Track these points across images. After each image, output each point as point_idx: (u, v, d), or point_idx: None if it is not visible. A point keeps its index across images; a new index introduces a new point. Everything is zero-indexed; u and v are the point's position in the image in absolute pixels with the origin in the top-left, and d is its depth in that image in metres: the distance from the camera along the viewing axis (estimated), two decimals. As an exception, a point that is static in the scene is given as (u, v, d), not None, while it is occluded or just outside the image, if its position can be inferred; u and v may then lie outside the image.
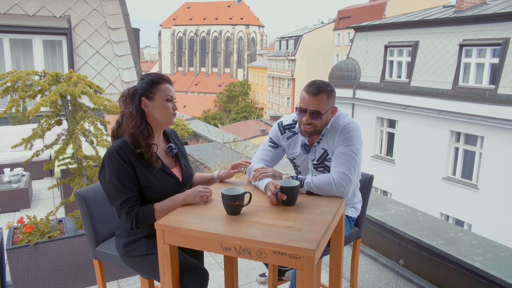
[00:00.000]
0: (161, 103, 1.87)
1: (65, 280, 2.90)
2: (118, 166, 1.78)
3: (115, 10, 9.42)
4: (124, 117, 1.86)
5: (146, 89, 1.86)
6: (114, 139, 1.90)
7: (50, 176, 5.89)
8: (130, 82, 9.28)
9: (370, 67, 15.60)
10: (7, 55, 8.33)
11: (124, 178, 1.78)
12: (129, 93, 1.88)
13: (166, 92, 1.88)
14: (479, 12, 12.22)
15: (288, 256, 1.45)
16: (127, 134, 1.83)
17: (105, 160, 1.81)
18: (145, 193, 1.85)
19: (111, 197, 1.81)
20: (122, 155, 1.79)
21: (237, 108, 47.98)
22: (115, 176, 1.77)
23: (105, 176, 1.81)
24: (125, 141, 1.83)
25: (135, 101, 1.85)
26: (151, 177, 1.85)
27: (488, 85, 11.52)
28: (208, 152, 5.26)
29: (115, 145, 1.82)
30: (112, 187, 1.79)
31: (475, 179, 11.80)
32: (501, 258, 2.33)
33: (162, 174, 1.89)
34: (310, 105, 1.95)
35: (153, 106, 1.86)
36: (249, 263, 3.34)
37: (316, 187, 1.92)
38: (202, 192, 1.84)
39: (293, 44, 43.03)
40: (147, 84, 1.87)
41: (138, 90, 1.87)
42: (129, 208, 1.79)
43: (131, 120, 1.83)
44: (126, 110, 1.86)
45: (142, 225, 1.81)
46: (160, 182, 1.87)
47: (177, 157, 2.03)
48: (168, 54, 79.10)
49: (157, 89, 1.86)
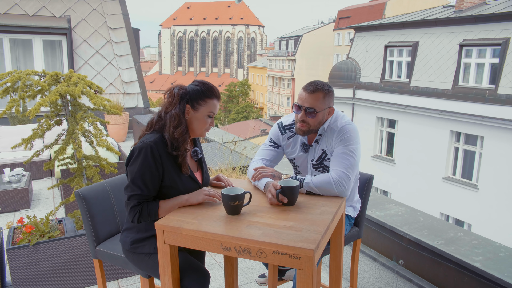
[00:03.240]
0: (202, 117, 1.86)
1: (65, 280, 2.90)
2: (146, 162, 1.76)
3: (115, 10, 9.42)
4: (168, 115, 1.84)
5: (194, 98, 1.84)
6: (149, 130, 1.88)
7: (50, 176, 5.89)
8: (130, 82, 9.28)
9: (370, 67, 15.60)
10: (7, 55, 8.33)
11: (146, 176, 1.77)
12: (179, 93, 1.85)
13: (210, 108, 1.86)
14: (479, 12, 12.22)
15: (288, 256, 1.45)
16: (170, 135, 1.81)
17: (137, 150, 1.78)
18: (166, 192, 1.84)
19: (127, 186, 1.81)
20: (156, 153, 1.77)
21: (237, 108, 47.99)
22: (139, 170, 1.76)
23: (131, 164, 1.79)
24: (162, 138, 1.81)
25: (182, 106, 1.84)
26: (177, 179, 1.85)
27: (488, 85, 11.52)
28: (207, 152, 5.26)
29: (151, 139, 1.79)
30: (131, 177, 1.78)
31: (475, 179, 11.80)
32: (501, 258, 2.33)
33: (187, 178, 1.89)
34: (306, 102, 1.98)
35: (194, 117, 1.86)
36: (249, 263, 3.34)
37: (316, 186, 1.92)
38: (207, 191, 1.84)
39: (293, 44, 43.04)
40: (198, 93, 1.85)
41: (187, 95, 1.85)
42: (136, 203, 1.79)
43: (176, 123, 1.81)
44: (172, 110, 1.84)
45: (144, 220, 1.81)
46: (184, 185, 1.87)
47: (200, 161, 2.04)
48: (168, 54, 79.11)
49: (204, 102, 1.85)
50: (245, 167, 4.47)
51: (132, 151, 1.81)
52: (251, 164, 2.17)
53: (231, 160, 4.65)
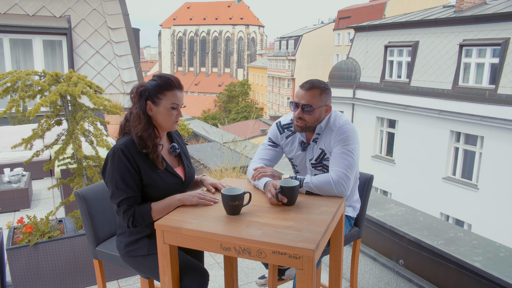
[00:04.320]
0: (166, 110, 1.85)
1: (65, 280, 2.90)
2: (121, 165, 1.77)
3: (115, 10, 9.42)
4: (132, 116, 1.85)
5: (153, 93, 1.84)
6: (121, 134, 1.89)
7: (50, 176, 5.89)
8: (130, 82, 9.28)
9: (370, 67, 15.60)
10: (7, 55, 8.33)
11: (126, 177, 1.78)
12: (137, 92, 1.86)
13: (172, 100, 1.85)
14: (479, 12, 12.22)
15: (288, 256, 1.45)
16: (135, 135, 1.82)
17: (109, 157, 1.80)
18: (148, 191, 1.85)
19: (111, 194, 1.81)
20: (127, 154, 1.78)
21: (237, 108, 47.97)
22: (118, 174, 1.77)
23: (108, 173, 1.81)
24: (131, 140, 1.82)
25: (142, 103, 1.84)
26: (155, 176, 1.85)
27: (488, 85, 11.52)
28: (207, 152, 5.26)
29: (121, 143, 1.81)
30: (113, 184, 1.78)
31: (475, 179, 11.80)
32: (501, 258, 2.33)
33: (166, 174, 1.89)
34: (303, 99, 2.01)
35: (157, 111, 1.85)
36: (249, 263, 3.34)
37: (316, 186, 1.92)
38: (201, 195, 1.83)
39: (293, 44, 43.03)
40: (155, 88, 1.84)
41: (146, 91, 1.85)
42: (127, 207, 1.79)
43: (138, 122, 1.82)
44: (133, 109, 1.85)
45: (139, 224, 1.81)
46: (164, 182, 1.87)
47: (180, 157, 2.03)
48: (168, 54, 79.10)
49: (164, 95, 1.84)
50: (245, 167, 4.48)
51: (106, 159, 1.82)
52: (250, 164, 2.17)
53: (231, 160, 4.65)
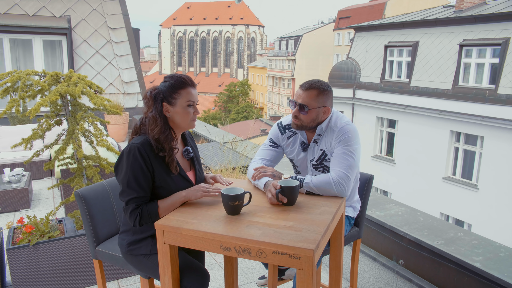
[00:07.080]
0: (182, 109, 1.85)
1: (65, 280, 2.90)
2: (136, 164, 1.77)
3: (115, 10, 9.42)
4: (147, 119, 1.85)
5: (168, 93, 1.84)
6: (136, 135, 1.89)
7: (50, 176, 5.88)
8: (130, 82, 9.28)
9: (370, 67, 15.60)
10: (7, 55, 8.33)
11: (139, 177, 1.77)
12: (152, 95, 1.86)
13: (187, 97, 1.85)
14: (479, 12, 12.22)
15: (288, 256, 1.45)
16: (151, 138, 1.82)
17: (125, 154, 1.79)
18: (159, 193, 1.84)
19: (121, 191, 1.81)
20: (143, 153, 1.78)
21: (237, 108, 47.95)
22: (131, 173, 1.77)
23: (121, 169, 1.80)
24: (148, 140, 1.82)
25: (158, 106, 1.84)
26: (168, 180, 1.85)
27: (488, 85, 11.52)
28: (208, 152, 5.26)
29: (138, 141, 1.80)
30: (125, 182, 1.78)
31: (475, 179, 11.80)
32: (501, 258, 2.33)
33: (178, 178, 1.89)
34: (299, 98, 2.03)
35: (174, 111, 1.85)
36: (249, 263, 3.34)
37: (316, 187, 1.92)
38: (205, 188, 1.84)
39: (293, 44, 43.03)
40: (169, 88, 1.84)
41: (160, 94, 1.85)
42: (135, 206, 1.79)
43: (154, 124, 1.82)
44: (149, 113, 1.85)
45: (146, 223, 1.81)
46: (175, 185, 1.87)
47: (192, 161, 2.03)
48: (168, 54, 79.09)
49: (179, 94, 1.84)
50: (245, 167, 4.47)
51: (121, 155, 1.81)
52: (251, 164, 2.17)
53: (231, 160, 4.65)
